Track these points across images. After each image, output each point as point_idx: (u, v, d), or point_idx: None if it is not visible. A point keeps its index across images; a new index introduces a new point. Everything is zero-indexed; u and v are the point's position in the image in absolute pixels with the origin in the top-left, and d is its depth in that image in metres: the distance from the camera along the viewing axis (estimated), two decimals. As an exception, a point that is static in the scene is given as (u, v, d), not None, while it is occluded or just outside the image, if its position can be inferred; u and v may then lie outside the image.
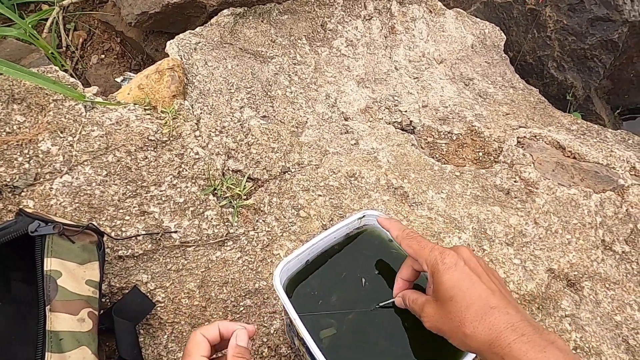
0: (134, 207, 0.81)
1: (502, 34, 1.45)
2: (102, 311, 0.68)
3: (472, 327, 0.48)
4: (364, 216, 0.63)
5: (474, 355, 0.56)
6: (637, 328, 0.84)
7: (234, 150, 0.93)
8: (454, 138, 1.08)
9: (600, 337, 0.81)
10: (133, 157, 0.85)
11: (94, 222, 0.77)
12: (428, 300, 0.53)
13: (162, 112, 0.91)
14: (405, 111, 1.14)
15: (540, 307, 0.82)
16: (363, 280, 0.61)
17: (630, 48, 1.64)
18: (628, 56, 1.69)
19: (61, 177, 0.80)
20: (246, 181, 0.90)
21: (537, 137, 1.10)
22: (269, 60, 1.13)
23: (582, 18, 1.53)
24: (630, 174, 1.05)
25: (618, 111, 1.83)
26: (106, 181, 0.82)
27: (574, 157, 1.06)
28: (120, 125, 0.87)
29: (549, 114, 1.26)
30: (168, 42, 1.04)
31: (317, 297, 0.60)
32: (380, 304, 0.60)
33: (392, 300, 0.60)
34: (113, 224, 0.78)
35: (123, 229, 0.78)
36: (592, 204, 0.96)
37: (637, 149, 1.17)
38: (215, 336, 0.52)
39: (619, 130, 1.26)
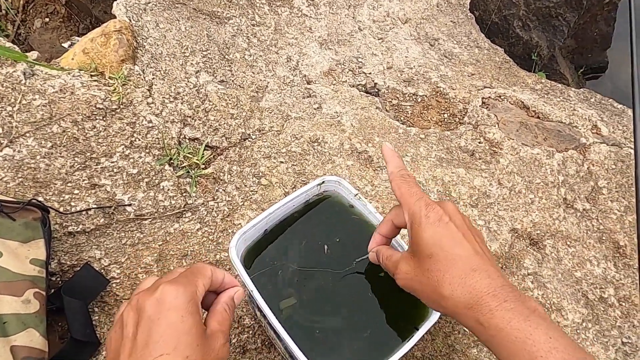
0: (84, 180, 0.76)
1: (468, -8, 1.42)
2: (52, 290, 0.64)
3: (450, 288, 0.45)
4: (323, 182, 0.61)
5: (438, 315, 0.55)
6: (596, 283, 0.86)
7: (190, 117, 0.88)
8: (419, 100, 1.06)
9: (561, 294, 0.82)
10: (80, 127, 0.80)
11: (40, 198, 0.72)
12: (404, 256, 0.50)
13: (110, 78, 0.86)
14: (370, 73, 1.10)
15: (504, 266, 0.82)
16: (325, 247, 0.60)
17: (594, 6, 1.63)
18: (592, 14, 1.68)
19: (1, 151, 0.74)
20: (204, 149, 0.86)
21: (502, 98, 1.09)
22: (226, 21, 1.07)
23: (547, -25, 1.51)
24: (592, 132, 1.06)
25: (581, 70, 1.84)
26: (52, 153, 0.76)
27: (538, 117, 1.05)
28: (65, 93, 0.81)
29: (514, 73, 1.25)
30: (115, 3, 0.97)
31: (276, 267, 0.58)
32: (357, 260, 0.58)
33: (366, 255, 0.58)
34: (61, 198, 0.74)
35: (72, 204, 0.74)
36: (555, 163, 0.96)
37: (598, 108, 1.18)
38: (219, 281, 0.48)
39: (581, 89, 1.26)
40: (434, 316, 0.53)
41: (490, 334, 0.43)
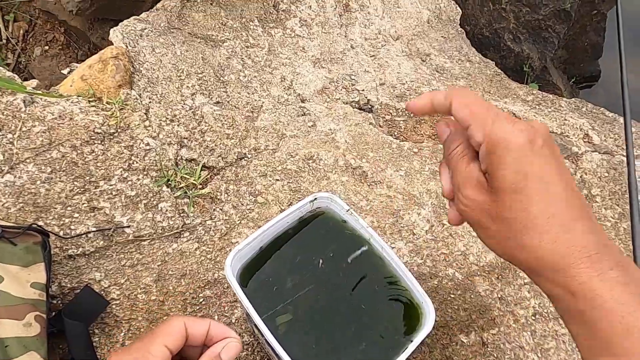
0: (83, 203, 0.78)
1: (458, 8, 1.45)
2: (53, 313, 0.65)
3: (539, 238, 0.34)
4: (315, 199, 0.62)
5: (431, 326, 0.56)
6: (593, 291, 0.86)
7: (186, 138, 0.90)
8: (412, 115, 1.08)
9: (558, 302, 0.83)
10: (79, 151, 0.81)
11: (40, 222, 0.74)
12: (479, 180, 0.37)
13: (107, 103, 0.88)
14: (363, 90, 1.13)
15: (500, 276, 0.83)
16: (319, 262, 0.61)
17: (583, 17, 1.66)
18: (581, 25, 1.72)
19: (2, 177, 0.76)
20: (201, 170, 0.87)
21: (494, 110, 1.10)
22: (220, 44, 1.10)
23: (535, -11, 1.55)
24: (584, 141, 1.07)
25: (573, 80, 1.86)
26: (51, 178, 0.78)
27: (529, 128, 1.07)
28: (64, 119, 0.83)
29: (505, 86, 1.27)
30: (112, 30, 1.00)
31: (272, 283, 0.59)
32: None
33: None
34: (61, 222, 0.75)
35: (72, 227, 0.75)
36: (548, 173, 0.97)
37: (590, 117, 1.20)
38: (199, 334, 0.43)
39: (573, 99, 1.28)
40: (427, 327, 0.54)
41: (580, 308, 0.33)
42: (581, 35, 1.79)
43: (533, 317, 0.80)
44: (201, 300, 0.74)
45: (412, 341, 0.53)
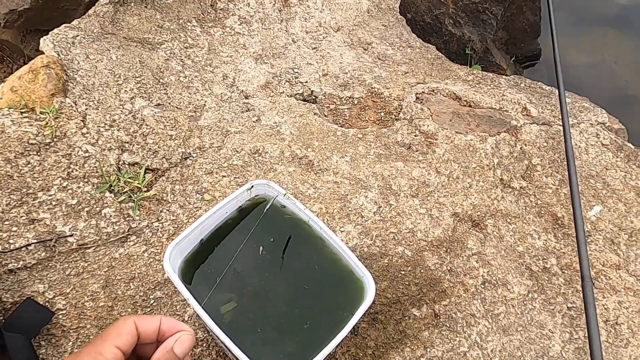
0: (21, 216, 0.76)
1: (396, -4, 1.48)
2: (-6, 330, 0.63)
3: None
4: (252, 187, 0.62)
5: (372, 297, 0.57)
6: (538, 255, 0.89)
7: (127, 143, 0.89)
8: (356, 102, 1.10)
9: (506, 269, 0.85)
10: (13, 164, 0.79)
11: (-24, 239, 0.71)
12: None
13: (41, 113, 0.86)
14: (306, 82, 1.13)
15: (448, 249, 0.85)
16: (260, 248, 0.61)
17: (518, -2, 1.72)
18: (517, 6, 1.77)
19: None
20: (145, 173, 0.86)
21: (435, 91, 1.13)
22: (158, 46, 1.08)
23: (469, -27, 1.59)
24: (522, 115, 1.11)
25: (513, 59, 1.92)
26: (-14, 194, 0.76)
27: (469, 106, 1.10)
28: (-5, 133, 0.81)
29: (447, 68, 1.30)
30: (42, 39, 0.97)
31: (214, 274, 0.59)
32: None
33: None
34: (-1, 237, 0.73)
35: (11, 241, 0.73)
36: (489, 147, 1.01)
37: (528, 92, 1.24)
38: (150, 331, 0.43)
39: (512, 76, 1.32)
40: (369, 299, 0.55)
41: None
42: (518, 15, 1.84)
43: (482, 286, 0.82)
44: (152, 301, 0.74)
45: (353, 314, 0.54)
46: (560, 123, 1.11)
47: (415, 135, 1.01)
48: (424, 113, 1.05)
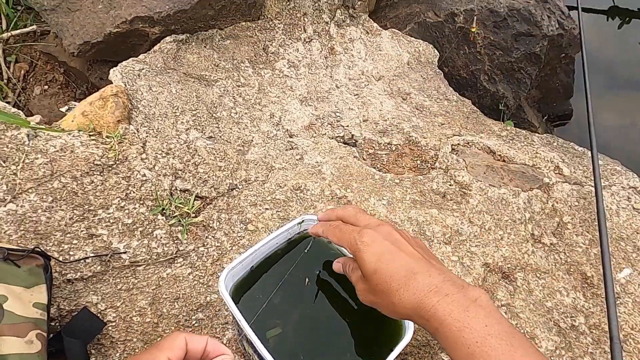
0: (82, 230, 0.82)
1: (435, 51, 1.55)
2: (51, 334, 0.68)
3: (398, 295, 0.49)
4: (302, 221, 0.67)
5: (410, 336, 0.60)
6: (567, 312, 0.91)
7: (181, 170, 0.95)
8: (393, 148, 1.15)
9: (534, 323, 0.87)
10: (79, 182, 0.86)
11: (41, 248, 0.77)
12: (361, 276, 0.55)
13: (107, 137, 0.93)
14: (347, 126, 1.20)
15: (478, 299, 0.88)
16: (306, 280, 0.65)
17: (553, 60, 1.78)
18: (551, 67, 1.84)
19: (5, 206, 0.80)
20: (194, 199, 0.92)
21: (470, 144, 1.18)
22: (213, 83, 1.17)
23: (507, 34, 1.66)
24: (555, 173, 1.15)
25: (546, 118, 1.97)
26: (52, 207, 0.82)
27: (503, 160, 1.14)
28: (65, 152, 0.88)
29: (481, 122, 1.36)
30: (111, 70, 1.06)
31: (261, 300, 0.63)
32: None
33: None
34: (61, 248, 0.79)
35: (71, 253, 0.79)
36: (521, 202, 1.04)
37: (560, 151, 1.28)
38: (198, 349, 0.49)
39: (545, 135, 1.36)
40: (407, 337, 0.58)
41: (434, 327, 0.47)
42: (552, 76, 1.90)
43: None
44: (194, 322, 0.78)
45: (392, 350, 0.57)
46: (592, 184, 1.14)
47: (450, 185, 1.05)
48: (460, 164, 1.09)
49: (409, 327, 0.59)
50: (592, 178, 1.14)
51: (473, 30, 1.66)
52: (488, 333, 0.44)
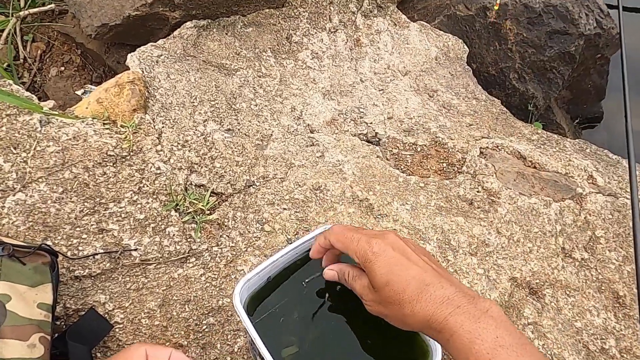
0: (92, 224, 0.78)
1: (465, 47, 1.49)
2: (56, 335, 0.65)
3: (410, 307, 0.48)
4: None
5: (440, 355, 0.56)
6: (597, 334, 0.86)
7: (197, 164, 0.91)
8: (419, 149, 1.10)
9: (562, 344, 0.82)
10: (91, 173, 0.83)
11: (49, 242, 0.74)
12: (369, 285, 0.53)
13: (122, 126, 0.89)
14: (371, 123, 1.14)
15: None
16: (326, 295, 0.61)
17: (587, 60, 1.70)
18: (585, 68, 1.75)
19: (14, 195, 0.77)
20: (210, 196, 0.88)
21: (499, 148, 1.12)
22: (234, 72, 1.12)
23: (541, 31, 1.58)
24: (588, 183, 1.09)
25: (577, 121, 1.89)
26: (62, 198, 0.79)
27: (534, 167, 1.08)
28: (78, 141, 0.85)
29: (511, 124, 1.29)
30: (129, 55, 1.02)
31: (278, 314, 0.59)
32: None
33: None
34: (69, 242, 0.76)
35: (80, 248, 0.76)
36: (552, 213, 0.98)
37: (594, 158, 1.21)
38: None
39: (577, 140, 1.30)
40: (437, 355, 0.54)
41: (446, 338, 0.46)
42: (585, 77, 1.82)
43: (536, 359, 0.79)
44: (204, 327, 0.74)
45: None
46: (628, 196, 1.07)
47: (477, 192, 1.00)
48: (488, 170, 1.04)
49: (436, 355, 0.55)
50: (628, 189, 1.08)
51: (496, 8, 1.57)
52: (499, 344, 0.44)
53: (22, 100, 0.84)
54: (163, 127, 0.94)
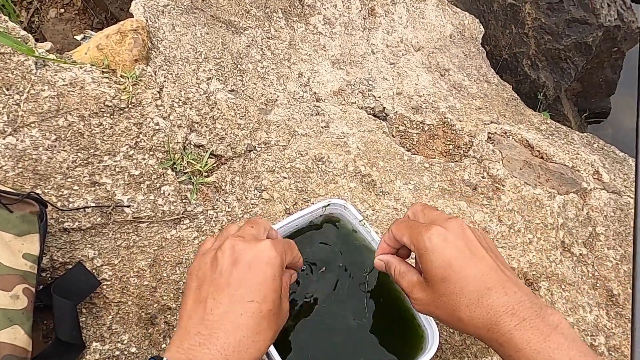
0: (84, 176, 0.75)
1: (481, 27, 1.44)
2: (40, 287, 0.63)
3: (468, 311, 0.43)
4: (329, 204, 0.60)
5: (434, 352, 0.54)
6: (587, 330, 0.85)
7: (197, 123, 0.88)
8: (426, 128, 1.07)
9: (552, 338, 0.82)
10: (86, 122, 0.79)
11: (39, 190, 0.71)
12: (419, 282, 0.47)
13: (121, 76, 0.85)
14: (379, 97, 1.11)
15: (498, 305, 0.82)
16: (323, 268, 0.59)
17: (603, 52, 1.66)
18: (599, 60, 1.71)
19: (4, 139, 0.73)
20: (208, 157, 0.85)
21: (508, 134, 1.09)
22: (242, 31, 1.07)
23: (560, 18, 1.54)
24: (594, 178, 1.07)
25: (585, 114, 1.86)
26: (55, 146, 0.75)
27: (542, 157, 1.06)
28: (75, 87, 0.81)
29: (520, 111, 1.26)
30: (133, 2, 0.97)
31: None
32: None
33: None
34: (60, 193, 0.73)
35: (70, 200, 0.73)
36: (556, 205, 0.97)
37: (601, 154, 1.19)
38: (298, 264, 0.52)
39: (585, 134, 1.27)
40: (430, 353, 0.52)
41: (508, 354, 0.42)
42: (598, 70, 1.78)
43: (526, 350, 0.79)
44: (194, 291, 0.72)
45: (412, 364, 0.51)
46: (631, 195, 1.06)
47: (482, 177, 0.97)
48: (495, 156, 1.01)
49: (434, 340, 0.53)
50: (632, 188, 1.06)
51: None
52: None
53: (14, 41, 0.79)
54: (165, 81, 0.90)
